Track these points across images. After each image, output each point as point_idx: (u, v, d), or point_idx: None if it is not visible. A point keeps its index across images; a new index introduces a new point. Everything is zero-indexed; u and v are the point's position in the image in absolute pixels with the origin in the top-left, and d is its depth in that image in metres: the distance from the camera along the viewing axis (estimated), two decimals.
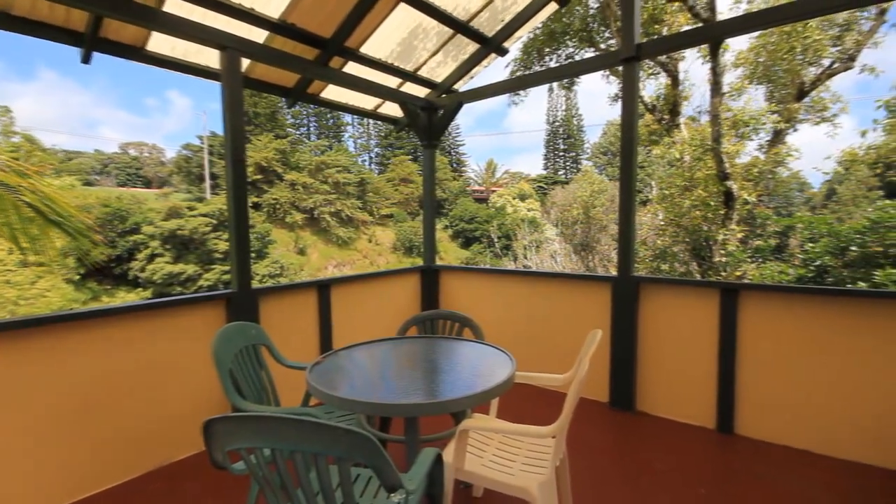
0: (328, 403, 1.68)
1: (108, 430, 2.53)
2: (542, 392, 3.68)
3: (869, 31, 8.23)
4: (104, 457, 2.52)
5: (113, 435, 2.55)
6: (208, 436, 1.11)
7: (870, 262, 4.71)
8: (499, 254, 24.53)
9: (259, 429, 1.09)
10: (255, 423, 1.09)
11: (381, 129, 49.35)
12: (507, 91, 4.55)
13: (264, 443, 1.10)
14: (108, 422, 2.53)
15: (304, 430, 1.08)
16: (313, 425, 1.06)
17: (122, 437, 2.59)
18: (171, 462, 2.79)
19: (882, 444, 2.60)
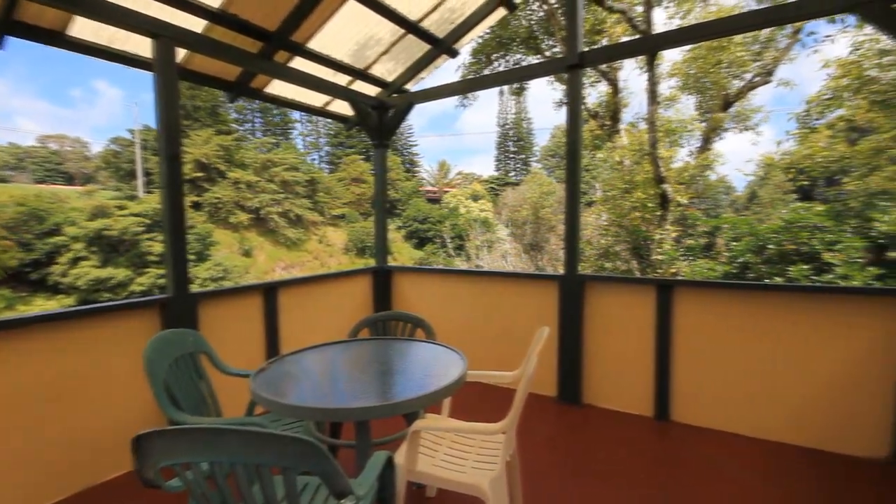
0: (275, 412, 1.61)
1: (23, 454, 2.29)
2: (494, 389, 3.75)
3: (785, 48, 9.11)
4: (18, 480, 2.27)
5: (30, 458, 2.31)
6: (139, 452, 1.03)
7: (785, 258, 5.22)
8: (452, 254, 24.71)
9: (196, 442, 1.03)
10: (191, 436, 1.03)
11: (331, 128, 48.16)
12: (458, 93, 4.60)
13: (202, 456, 1.04)
14: (24, 444, 2.29)
15: (246, 440, 1.03)
16: (256, 435, 1.02)
17: (40, 460, 2.35)
18: (98, 484, 2.57)
19: (802, 425, 2.88)
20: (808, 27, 8.48)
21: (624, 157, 9.33)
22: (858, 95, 6.84)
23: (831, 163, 7.62)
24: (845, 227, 5.09)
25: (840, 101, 7.43)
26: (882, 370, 2.64)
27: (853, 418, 2.73)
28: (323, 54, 3.93)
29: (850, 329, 2.73)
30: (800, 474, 2.58)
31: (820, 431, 2.82)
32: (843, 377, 2.75)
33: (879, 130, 6.70)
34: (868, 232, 5.02)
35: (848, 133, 8.15)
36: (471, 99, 13.24)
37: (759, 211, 18.56)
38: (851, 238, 4.86)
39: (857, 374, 2.71)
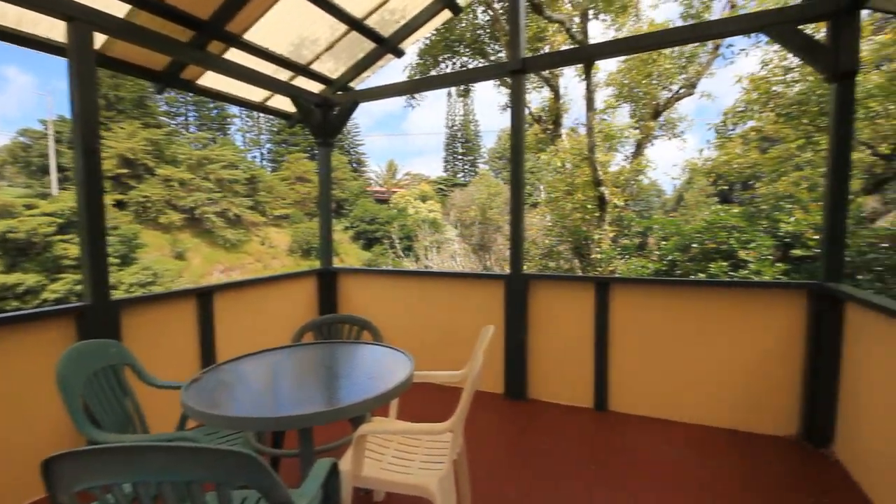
0: (209, 424, 1.52)
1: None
2: (442, 389, 3.77)
3: (706, 63, 9.93)
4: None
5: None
6: (50, 476, 0.93)
7: (707, 256, 5.69)
8: (400, 255, 24.55)
9: (115, 462, 0.95)
10: (108, 456, 0.94)
11: (273, 124, 46.19)
12: (404, 93, 4.58)
13: (123, 477, 0.96)
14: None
15: (175, 456, 0.96)
16: (187, 450, 0.95)
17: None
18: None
19: (722, 408, 3.14)
20: (726, 41, 9.30)
21: (565, 160, 9.75)
22: (766, 108, 7.61)
23: (745, 169, 8.42)
24: (757, 227, 5.64)
25: (751, 114, 8.23)
26: (789, 356, 2.95)
27: (766, 400, 3.03)
28: (262, 47, 3.76)
29: (762, 319, 3.02)
30: (722, 454, 2.82)
31: (738, 413, 3.09)
32: (757, 363, 3.04)
33: (785, 140, 7.49)
34: (776, 232, 5.59)
35: (759, 142, 9.04)
36: (418, 99, 13.25)
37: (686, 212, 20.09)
38: (762, 237, 5.40)
39: (769, 360, 3.01)
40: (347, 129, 51.69)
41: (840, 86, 2.70)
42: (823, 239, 2.85)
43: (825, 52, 2.70)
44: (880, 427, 2.33)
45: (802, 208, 5.90)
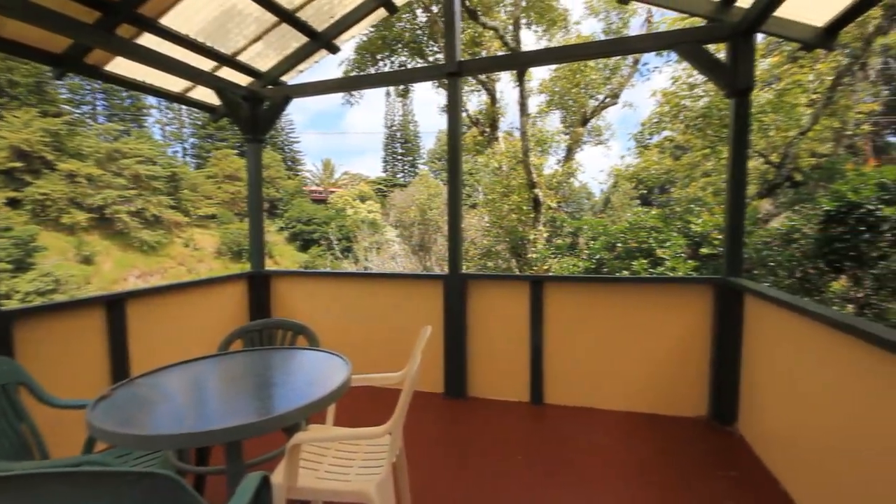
0: (121, 445, 1.39)
1: None
2: (381, 392, 3.72)
3: (627, 75, 10.71)
4: None
5: None
6: None
7: (630, 254, 6.14)
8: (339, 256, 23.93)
9: (6, 494, 0.83)
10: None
11: (197, 117, 43.02)
12: (340, 90, 4.47)
13: None
14: None
15: (77, 484, 0.86)
16: (88, 476, 0.86)
17: None
18: None
19: (645, 395, 3.39)
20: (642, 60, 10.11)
21: (501, 162, 10.04)
22: (677, 120, 8.37)
23: (661, 175, 9.21)
24: (672, 227, 6.18)
25: (665, 125, 9.02)
26: (699, 344, 3.26)
27: (681, 385, 3.32)
28: (180, 33, 3.48)
29: (677, 311, 3.31)
30: (644, 437, 3.04)
31: (657, 399, 3.36)
32: (673, 352, 3.33)
33: (693, 149, 8.28)
34: (688, 232, 6.16)
35: (673, 150, 9.92)
36: (356, 97, 12.99)
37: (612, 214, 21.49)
38: (676, 237, 5.93)
39: (683, 348, 3.30)
40: (281, 126, 49.51)
41: (737, 101, 3.03)
42: (726, 238, 3.18)
43: (725, 70, 3.02)
44: (773, 404, 2.64)
45: (709, 211, 6.55)
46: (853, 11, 2.63)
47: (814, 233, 5.13)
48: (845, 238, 4.74)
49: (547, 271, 8.32)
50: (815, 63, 7.84)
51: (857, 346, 1.84)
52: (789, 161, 7.77)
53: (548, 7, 9.93)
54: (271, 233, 34.20)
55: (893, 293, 4.75)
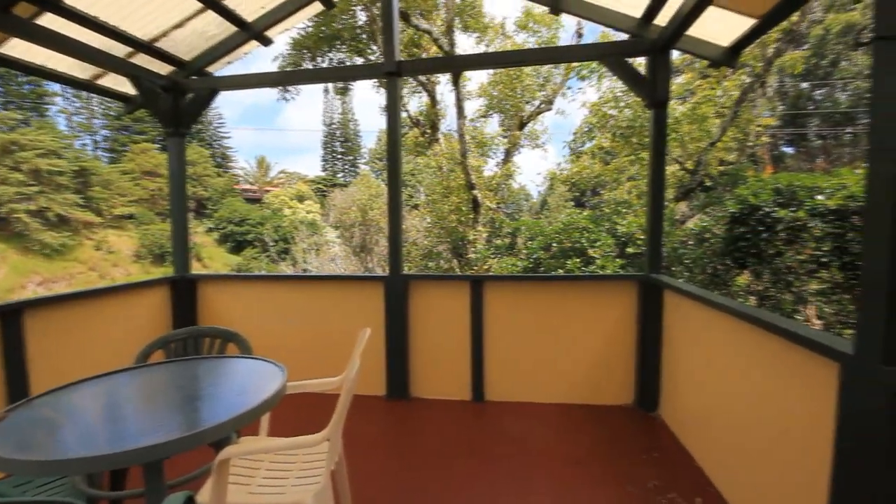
0: (21, 474, 1.23)
1: None
2: (321, 398, 3.60)
3: (560, 83, 11.23)
4: None
5: None
6: None
7: (564, 254, 6.44)
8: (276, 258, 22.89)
9: None
10: None
11: (110, 107, 39.09)
12: (273, 84, 4.28)
13: None
14: None
15: None
16: None
17: None
18: None
19: (579, 387, 3.57)
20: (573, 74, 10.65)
21: (441, 164, 10.13)
22: (605, 129, 8.94)
23: (592, 178, 9.76)
24: (601, 228, 6.57)
25: (594, 133, 9.59)
26: (627, 337, 3.49)
27: (610, 376, 3.54)
28: (88, 15, 3.15)
29: (606, 307, 3.53)
30: (578, 426, 3.21)
31: (590, 390, 3.56)
32: (604, 345, 3.54)
33: (620, 155, 8.88)
34: (616, 232, 6.58)
35: (603, 156, 10.57)
36: (293, 93, 12.49)
37: (549, 215, 22.44)
38: (605, 237, 6.31)
39: (612, 341, 3.52)
40: (208, 120, 46.42)
41: (656, 112, 3.29)
42: (647, 238, 3.44)
43: (645, 82, 3.27)
44: (688, 389, 2.90)
45: (634, 212, 7.05)
46: (753, 34, 2.95)
47: (721, 233, 5.68)
48: (747, 237, 5.30)
49: (487, 271, 8.51)
50: (723, 80, 8.71)
51: (757, 333, 2.07)
52: (702, 168, 8.56)
53: (478, 13, 10.18)
54: (199, 234, 31.92)
55: (787, 286, 5.39)
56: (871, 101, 1.35)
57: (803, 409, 1.73)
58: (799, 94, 20.66)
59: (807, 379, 1.71)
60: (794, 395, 1.81)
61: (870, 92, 1.35)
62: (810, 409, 1.67)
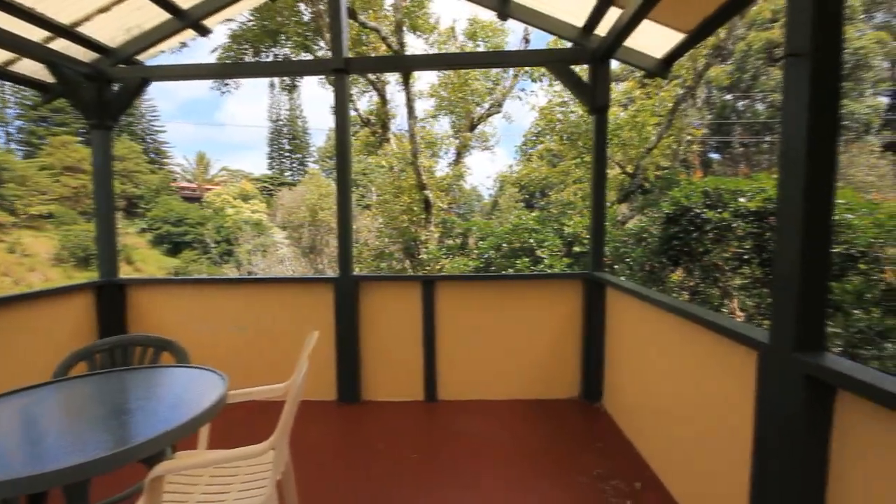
0: None
1: None
2: (267, 406, 3.45)
3: (509, 87, 11.49)
4: None
5: None
6: None
7: (514, 253, 6.60)
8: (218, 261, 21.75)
9: None
10: None
11: (26, 95, 35.34)
12: (213, 76, 4.05)
13: None
14: None
15: None
16: None
17: None
18: None
19: (529, 383, 3.66)
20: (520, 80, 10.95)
21: (392, 164, 10.05)
22: (553, 132, 9.27)
23: (541, 180, 10.08)
24: (549, 228, 6.80)
25: (543, 136, 9.92)
26: (572, 332, 3.63)
27: (558, 371, 3.66)
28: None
29: (554, 304, 3.65)
30: (529, 421, 3.30)
31: (539, 385, 3.67)
32: (552, 341, 3.66)
33: (566, 158, 9.24)
34: (562, 232, 6.84)
35: (550, 159, 10.94)
36: (232, 86, 11.90)
37: (500, 216, 22.94)
38: (553, 237, 6.54)
39: (559, 337, 3.65)
40: (140, 112, 43.24)
41: (597, 118, 3.45)
42: (591, 238, 3.60)
43: (587, 89, 3.42)
44: (627, 380, 3.06)
45: (579, 213, 7.36)
46: (683, 47, 3.17)
47: (658, 232, 6.06)
48: (680, 237, 5.69)
49: (440, 271, 8.54)
50: (659, 90, 9.30)
51: (687, 326, 2.22)
52: (640, 172, 9.10)
53: (426, 17, 10.22)
54: (130, 235, 29.59)
55: (715, 281, 5.84)
56: (782, 112, 1.49)
57: (728, 395, 1.88)
58: (724, 105, 22.48)
59: (730, 367, 1.86)
60: (720, 382, 1.96)
61: (781, 104, 1.49)
62: (734, 395, 1.82)
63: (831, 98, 1.38)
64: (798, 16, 1.41)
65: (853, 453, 1.33)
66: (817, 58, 1.37)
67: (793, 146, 1.44)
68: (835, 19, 1.36)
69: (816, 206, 1.41)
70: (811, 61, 1.37)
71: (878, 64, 20.48)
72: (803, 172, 1.40)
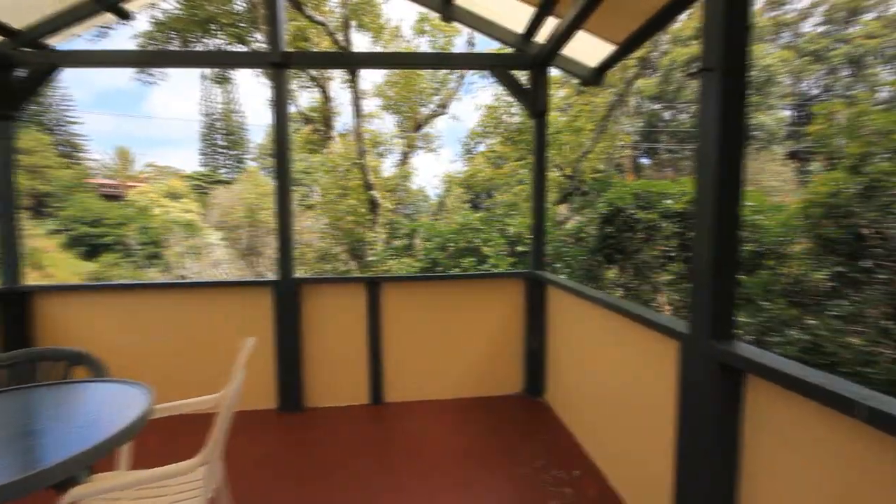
0: None
1: None
2: (200, 419, 3.24)
3: (454, 89, 11.62)
4: None
5: None
6: None
7: (460, 253, 6.68)
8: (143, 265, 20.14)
9: None
10: None
11: None
12: (133, 64, 3.74)
13: None
14: None
15: None
16: None
17: None
18: None
19: (474, 380, 3.71)
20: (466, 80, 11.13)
21: (337, 163, 9.82)
22: (497, 133, 9.50)
23: (486, 181, 10.28)
24: (494, 228, 6.96)
25: (487, 137, 10.14)
26: (515, 330, 3.73)
27: (502, 367, 3.75)
28: None
29: (498, 302, 3.73)
30: (474, 418, 3.35)
31: (485, 382, 3.73)
32: (496, 338, 3.74)
33: (510, 160, 9.50)
34: (506, 232, 7.02)
35: (495, 159, 11.20)
36: (159, 77, 11.05)
37: (447, 216, 23.13)
38: (497, 237, 6.70)
39: (503, 334, 3.74)
40: (50, 101, 38.99)
41: (538, 121, 3.58)
42: (533, 237, 3.72)
43: (528, 94, 3.54)
44: (567, 373, 3.20)
45: (522, 214, 7.59)
46: (614, 58, 3.36)
47: (594, 232, 6.40)
48: (614, 236, 6.05)
49: (386, 272, 8.45)
50: (594, 97, 9.81)
51: (619, 320, 2.36)
52: (578, 174, 9.55)
53: (374, 14, 10.10)
54: (38, 237, 26.53)
55: (645, 278, 6.26)
56: (698, 121, 1.63)
57: (655, 383, 2.03)
58: (652, 114, 24.16)
59: (657, 356, 2.00)
60: (648, 371, 2.11)
61: (697, 114, 1.63)
62: (660, 382, 1.96)
63: (739, 109, 1.53)
64: (711, 34, 1.54)
65: (761, 428, 1.48)
66: (727, 73, 1.51)
67: (706, 153, 1.57)
68: (743, 38, 1.51)
69: (726, 209, 1.55)
70: (722, 76, 1.50)
71: (783, 80, 23.00)
72: (715, 178, 1.54)
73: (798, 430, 1.33)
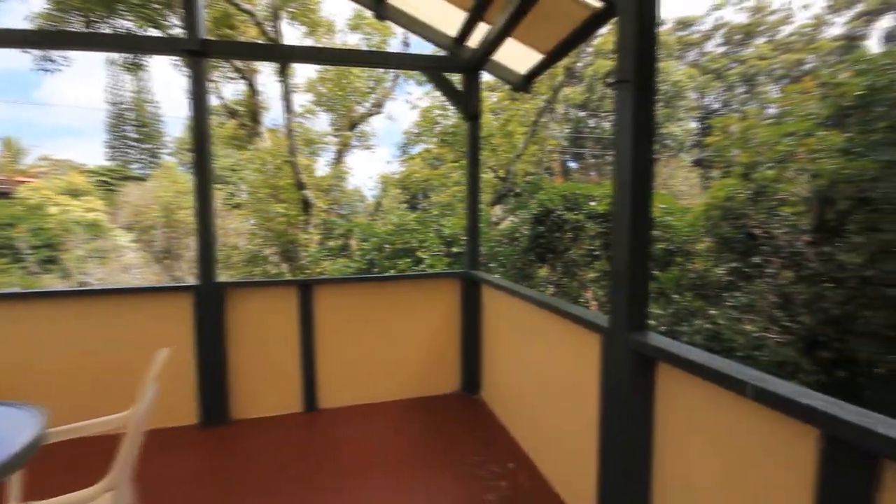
0: None
1: None
2: (107, 441, 2.93)
3: (390, 88, 11.52)
4: None
5: None
6: None
7: (396, 254, 6.63)
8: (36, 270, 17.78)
9: None
10: None
11: None
12: (24, 45, 3.28)
13: None
14: None
15: None
16: None
17: None
18: None
19: (413, 381, 3.70)
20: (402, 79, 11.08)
21: (266, 160, 9.34)
22: (432, 134, 9.57)
23: (422, 182, 10.31)
24: (429, 229, 6.99)
25: (423, 137, 10.18)
26: (452, 329, 3.77)
27: (439, 367, 3.77)
28: None
29: (434, 302, 3.75)
30: (413, 419, 3.34)
31: (422, 382, 3.73)
32: (432, 338, 3.75)
33: (446, 161, 9.60)
34: (442, 232, 7.08)
35: (432, 161, 11.26)
36: (59, 63, 9.79)
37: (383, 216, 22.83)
38: (433, 237, 6.74)
39: (439, 334, 3.76)
40: None
41: (471, 124, 3.65)
42: (468, 238, 3.79)
43: (461, 97, 3.60)
44: (501, 370, 3.30)
45: (457, 215, 7.70)
46: (542, 66, 3.52)
47: (527, 232, 6.66)
48: (545, 236, 6.34)
49: (321, 274, 8.17)
50: (525, 103, 10.21)
51: (548, 316, 2.48)
52: (511, 176, 9.88)
53: (309, 9, 9.75)
54: None
55: (574, 275, 6.63)
56: (615, 129, 1.75)
57: (580, 374, 2.15)
58: (579, 121, 25.63)
59: (582, 349, 2.13)
60: (574, 363, 2.23)
61: (614, 122, 1.75)
62: (585, 374, 2.09)
63: (649, 118, 1.67)
64: (625, 49, 1.67)
65: (671, 409, 1.62)
66: (639, 85, 1.64)
67: (622, 159, 1.70)
68: (651, 54, 1.65)
69: (640, 210, 1.69)
70: (634, 87, 1.63)
71: (690, 95, 25.50)
72: (629, 182, 1.67)
73: (701, 412, 1.48)
